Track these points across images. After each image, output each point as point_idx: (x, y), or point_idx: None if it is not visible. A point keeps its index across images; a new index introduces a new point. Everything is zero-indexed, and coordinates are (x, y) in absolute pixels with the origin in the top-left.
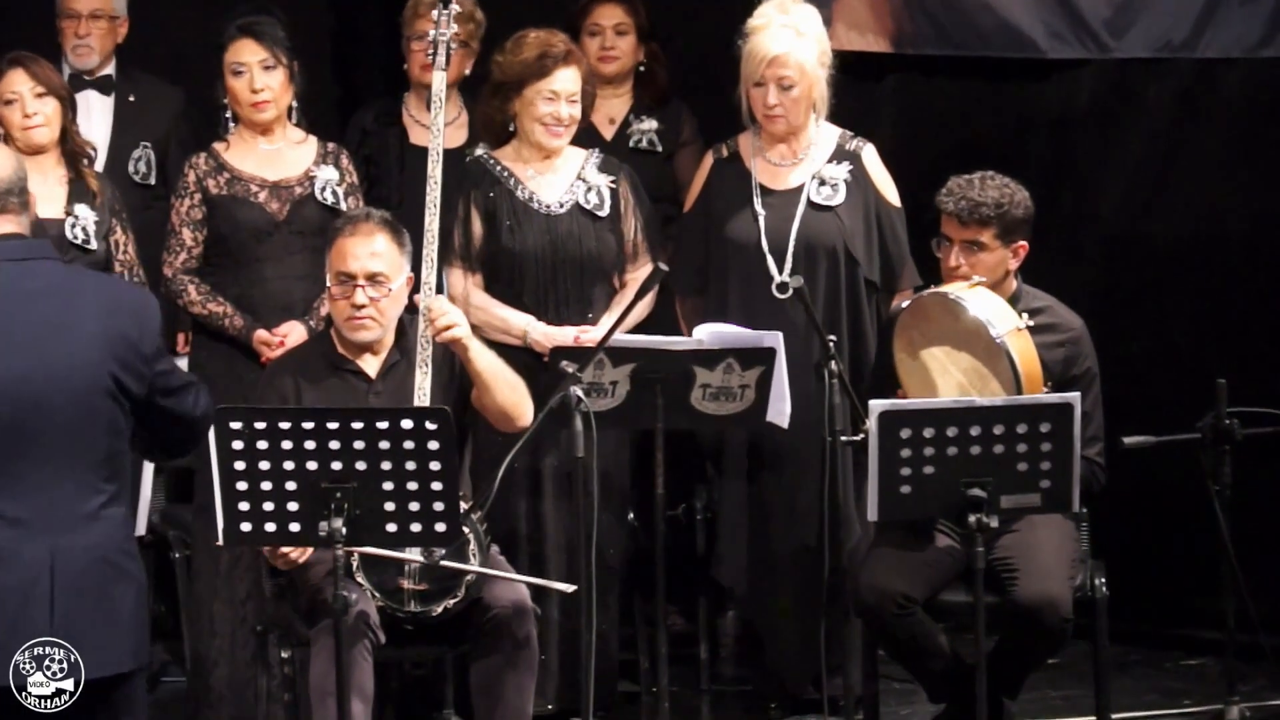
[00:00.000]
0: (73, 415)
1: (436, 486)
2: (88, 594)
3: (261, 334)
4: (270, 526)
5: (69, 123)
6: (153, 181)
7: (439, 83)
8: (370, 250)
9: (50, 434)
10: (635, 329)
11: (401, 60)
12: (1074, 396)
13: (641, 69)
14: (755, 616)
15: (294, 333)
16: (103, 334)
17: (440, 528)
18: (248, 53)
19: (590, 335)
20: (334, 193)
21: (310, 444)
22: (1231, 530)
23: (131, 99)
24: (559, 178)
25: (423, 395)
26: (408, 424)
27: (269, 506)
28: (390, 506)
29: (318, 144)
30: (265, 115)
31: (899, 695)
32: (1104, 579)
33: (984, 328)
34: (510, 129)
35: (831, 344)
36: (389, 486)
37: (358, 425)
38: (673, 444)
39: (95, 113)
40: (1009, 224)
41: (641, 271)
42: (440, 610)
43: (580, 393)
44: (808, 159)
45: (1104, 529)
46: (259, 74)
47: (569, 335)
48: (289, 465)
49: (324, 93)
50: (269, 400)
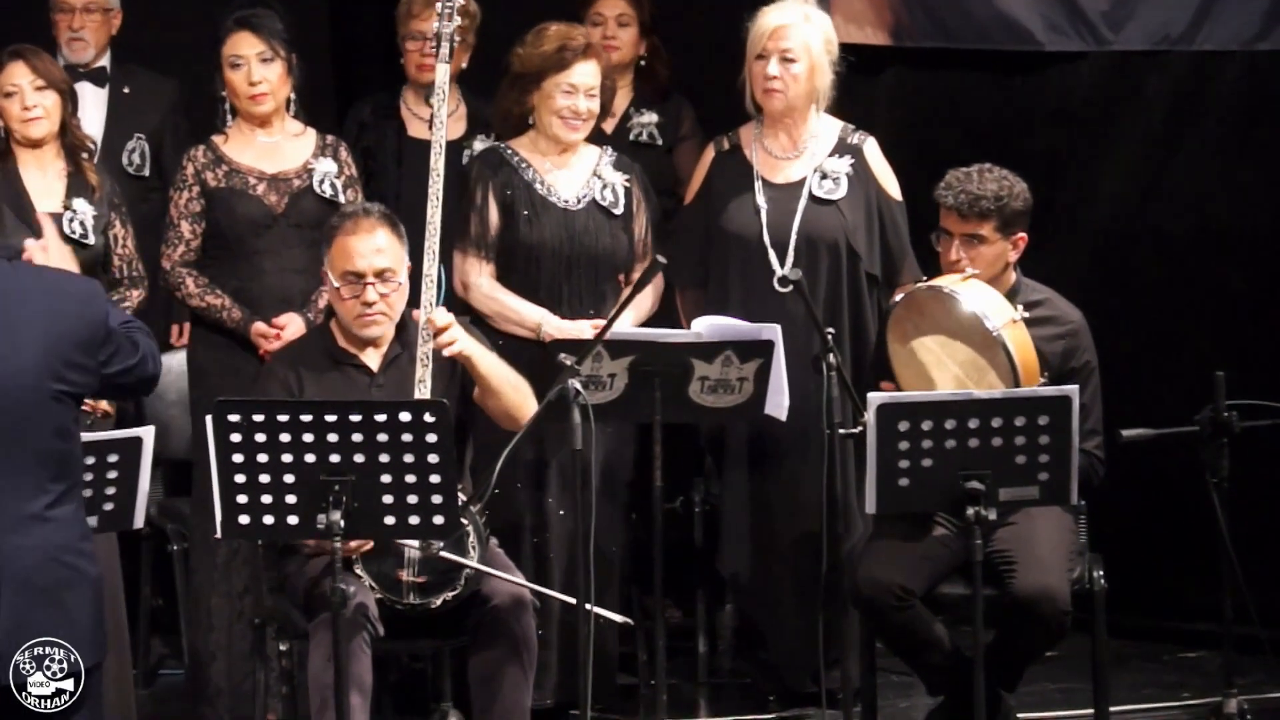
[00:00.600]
0: (15, 420)
1: (435, 479)
2: (38, 595)
3: (260, 326)
4: (268, 519)
5: (69, 116)
6: (147, 174)
7: (442, 75)
8: (375, 247)
9: None
10: (644, 324)
11: (399, 53)
12: (1072, 389)
13: (642, 63)
14: (754, 609)
15: (292, 324)
16: (44, 339)
17: (438, 520)
18: (246, 45)
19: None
20: (332, 185)
21: (308, 436)
22: (1230, 523)
23: (126, 91)
24: (575, 173)
25: (423, 388)
26: (406, 416)
27: (267, 499)
28: (389, 499)
29: (316, 136)
30: (263, 108)
31: (897, 688)
32: (1102, 572)
33: (980, 320)
34: (529, 121)
35: (830, 336)
36: (387, 479)
37: (356, 417)
38: (671, 437)
39: (89, 105)
40: (1008, 217)
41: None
42: (439, 603)
43: (578, 385)
44: (809, 152)
45: (1102, 522)
46: (257, 66)
47: (584, 330)
48: (287, 457)
49: (321, 85)
50: (270, 393)
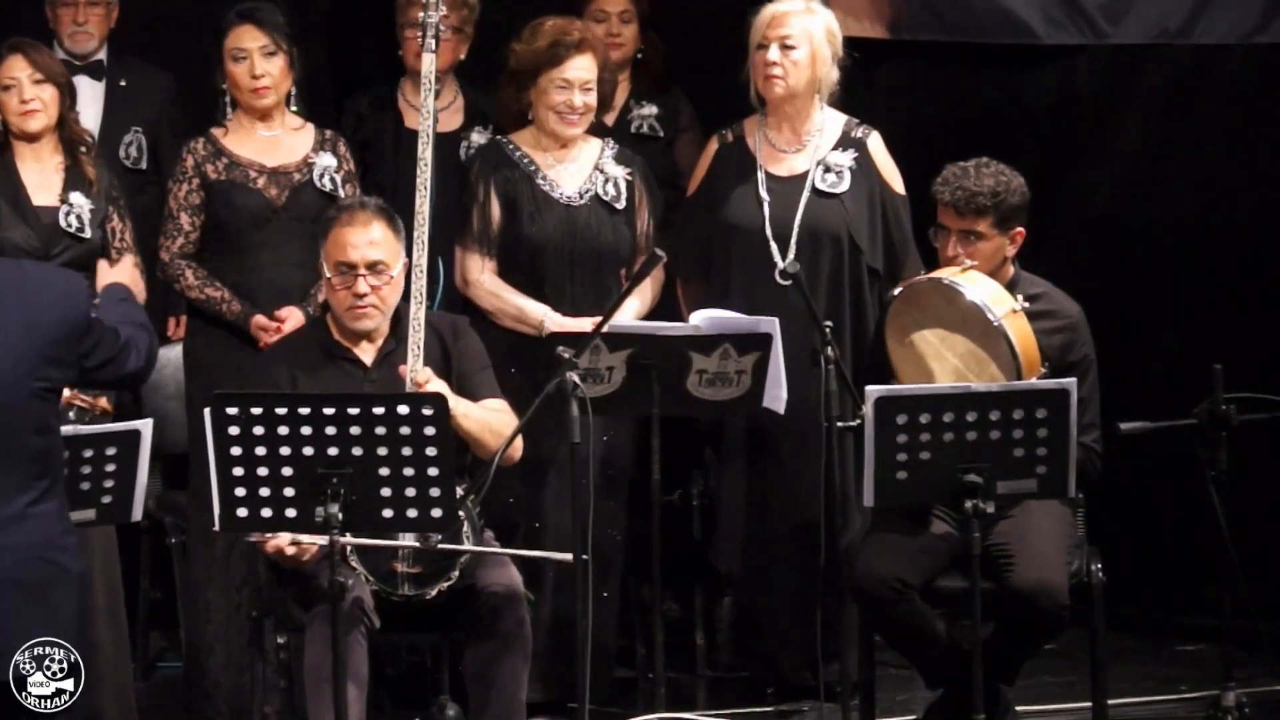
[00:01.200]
0: None
1: (432, 472)
2: (21, 592)
3: (260, 319)
4: (266, 512)
5: (66, 110)
6: (144, 166)
7: (428, 65)
8: (369, 239)
9: None
10: (645, 317)
11: (397, 46)
12: (1070, 382)
13: (639, 55)
14: (752, 603)
15: (293, 317)
16: (25, 337)
17: (436, 513)
18: (248, 39)
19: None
20: (332, 179)
21: (306, 430)
22: (1228, 516)
23: (123, 84)
24: (577, 167)
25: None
26: (404, 410)
27: (265, 492)
28: (386, 492)
29: (315, 131)
30: (265, 101)
31: (896, 681)
32: (1100, 565)
33: (982, 312)
34: (529, 117)
35: (828, 330)
36: (385, 472)
37: (354, 411)
38: (668, 430)
39: (86, 98)
40: (1006, 212)
41: None
42: (435, 593)
43: (576, 378)
44: (813, 145)
45: (1100, 515)
46: (259, 60)
47: (586, 326)
48: (285, 451)
49: (320, 79)
50: (265, 388)
